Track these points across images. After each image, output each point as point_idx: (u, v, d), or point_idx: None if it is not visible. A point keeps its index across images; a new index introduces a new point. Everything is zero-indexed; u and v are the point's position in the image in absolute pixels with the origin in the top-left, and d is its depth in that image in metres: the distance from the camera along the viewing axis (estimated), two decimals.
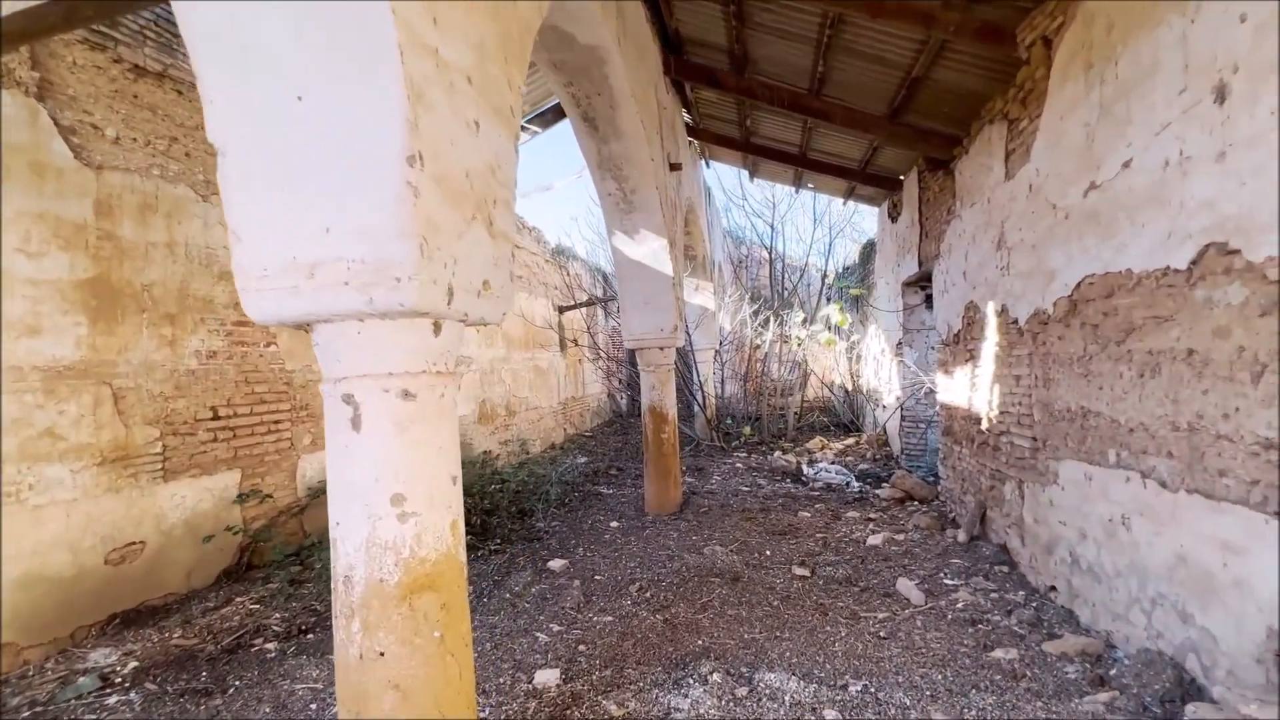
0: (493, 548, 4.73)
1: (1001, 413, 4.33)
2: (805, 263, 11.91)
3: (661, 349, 5.86)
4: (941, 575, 3.97)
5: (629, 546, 4.85)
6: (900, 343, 7.52)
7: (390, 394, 1.61)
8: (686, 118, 8.07)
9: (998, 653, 2.88)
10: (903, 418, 7.49)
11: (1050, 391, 3.58)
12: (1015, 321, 4.05)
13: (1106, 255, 2.97)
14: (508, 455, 8.12)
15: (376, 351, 1.59)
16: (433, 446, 1.68)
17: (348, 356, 1.61)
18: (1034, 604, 3.46)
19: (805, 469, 7.51)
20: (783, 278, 10.89)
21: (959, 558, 4.27)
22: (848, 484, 6.91)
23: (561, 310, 10.82)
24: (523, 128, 6.66)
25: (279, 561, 4.32)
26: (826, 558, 4.39)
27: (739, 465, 8.28)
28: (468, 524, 5.03)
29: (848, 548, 4.69)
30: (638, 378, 6.14)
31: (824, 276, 11.09)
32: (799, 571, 4.13)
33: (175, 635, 3.36)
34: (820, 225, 10.86)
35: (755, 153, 8.02)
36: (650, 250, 5.66)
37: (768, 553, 4.61)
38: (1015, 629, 3.16)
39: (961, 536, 4.66)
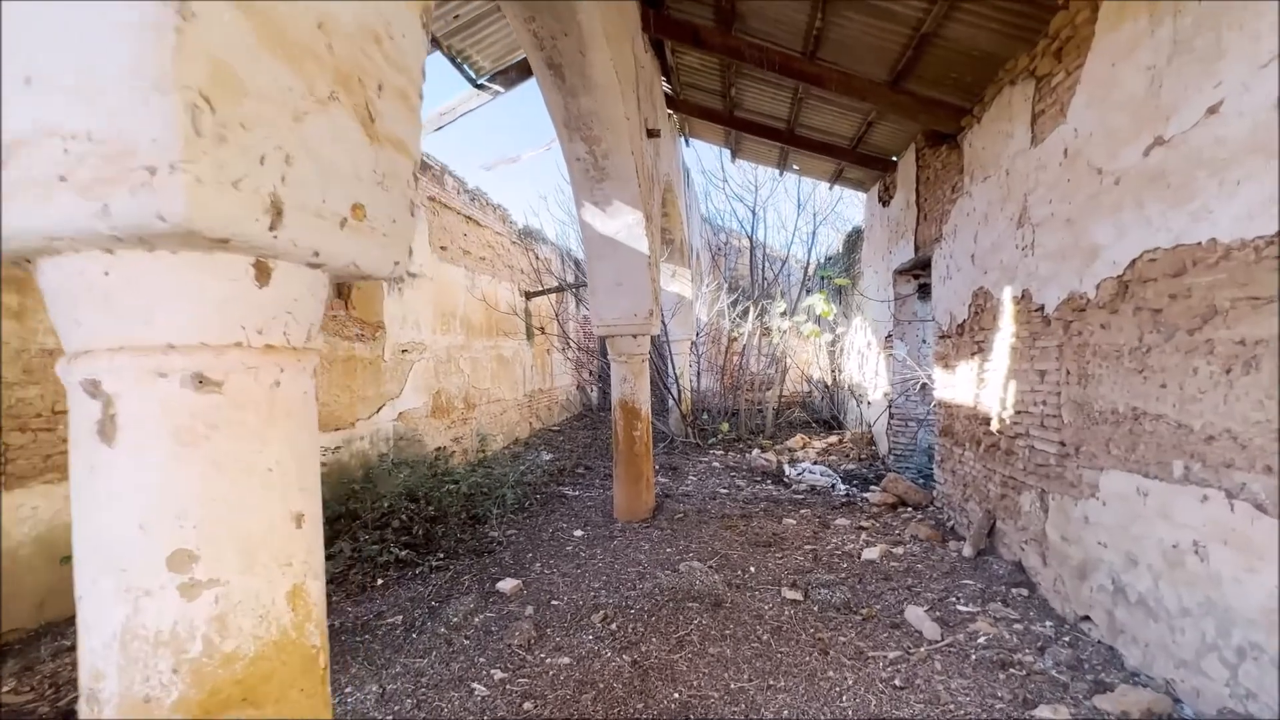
0: (434, 563, 4.05)
1: (1018, 413, 3.82)
2: (787, 253, 11.40)
3: (635, 337, 5.23)
4: (953, 599, 3.45)
5: (594, 561, 4.22)
6: (890, 335, 7.03)
7: (170, 381, 0.94)
8: (665, 87, 7.42)
9: (1044, 711, 2.34)
10: (891, 415, 7.02)
11: (1087, 389, 3.06)
12: (1040, 309, 3.53)
13: (1178, 225, 2.44)
14: (465, 452, 7.41)
15: (139, 307, 0.92)
16: (254, 470, 1.02)
17: (89, 316, 0.93)
18: (1066, 638, 2.95)
19: (787, 469, 6.99)
20: (763, 266, 10.35)
21: (969, 577, 3.75)
22: (833, 486, 6.40)
23: (529, 296, 10.10)
24: (482, 86, 5.95)
25: None
26: (819, 576, 3.83)
27: (716, 464, 7.72)
28: (405, 534, 4.36)
29: (842, 563, 4.14)
30: (609, 369, 5.51)
31: (806, 265, 10.59)
32: (790, 594, 3.56)
33: (6, 689, 2.62)
34: (804, 211, 10.28)
35: (739, 128, 7.42)
36: (624, 225, 5.01)
37: (752, 569, 4.04)
38: (1054, 674, 2.63)
39: (967, 550, 4.16)
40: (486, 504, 5.27)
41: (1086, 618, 3.03)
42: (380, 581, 3.79)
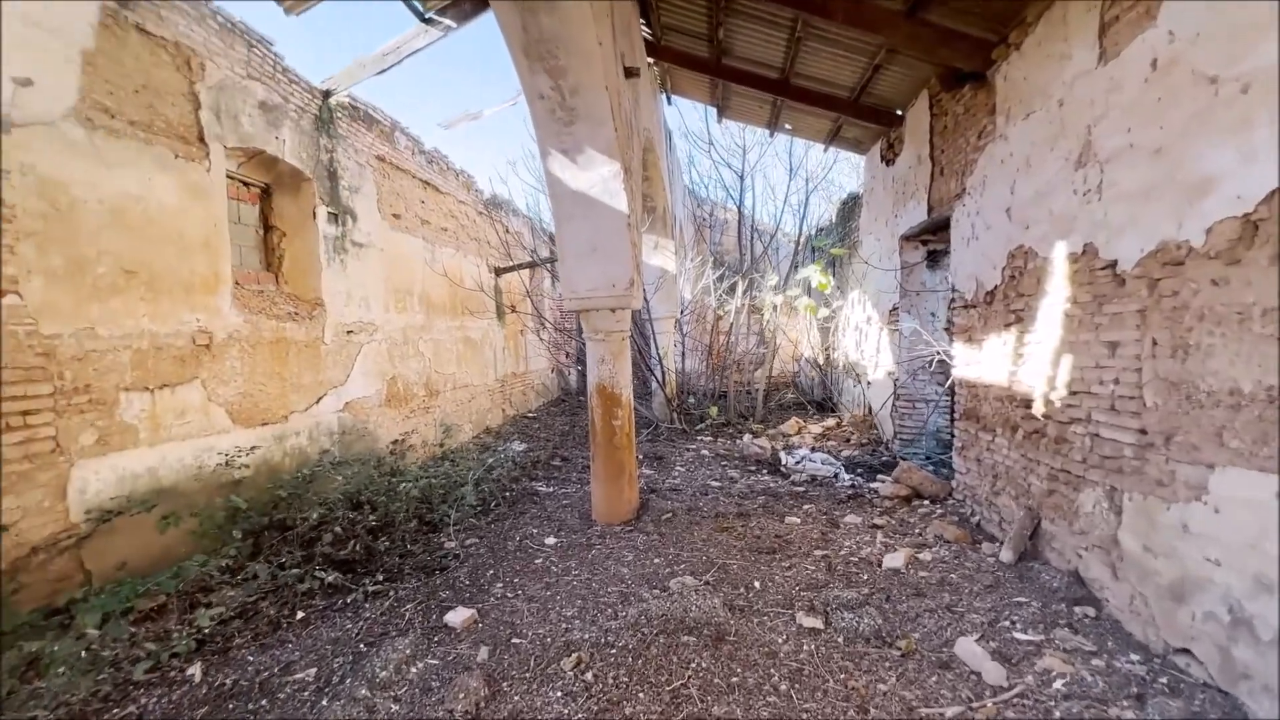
0: (371, 588, 3.32)
1: (1073, 394, 3.18)
2: (777, 225, 10.67)
3: (614, 311, 4.49)
4: (1007, 623, 2.82)
5: (568, 579, 3.53)
6: (895, 308, 6.38)
7: None
8: (645, 32, 6.59)
9: None
10: (896, 396, 6.40)
11: (1186, 364, 2.41)
12: (1109, 266, 2.86)
13: None
14: (425, 444, 6.65)
15: None
16: None
17: None
18: (1163, 679, 2.33)
19: (784, 458, 6.35)
20: (751, 238, 9.63)
21: (1019, 591, 3.13)
22: (836, 476, 5.78)
23: (499, 272, 9.27)
24: (431, 20, 5.08)
25: (23, 626, 2.80)
26: (838, 593, 3.18)
27: (705, 452, 7.06)
28: (339, 549, 3.61)
29: (861, 573, 3.50)
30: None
31: (799, 235, 9.89)
32: (807, 620, 2.90)
33: None
34: (795, 177, 9.55)
35: (728, 78, 6.63)
36: (598, 178, 4.24)
37: (757, 584, 3.38)
38: None
39: (1006, 555, 3.54)
40: (443, 507, 4.53)
41: (1184, 650, 2.41)
42: (300, 616, 3.06)
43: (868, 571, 3.53)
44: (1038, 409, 3.53)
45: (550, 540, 4.19)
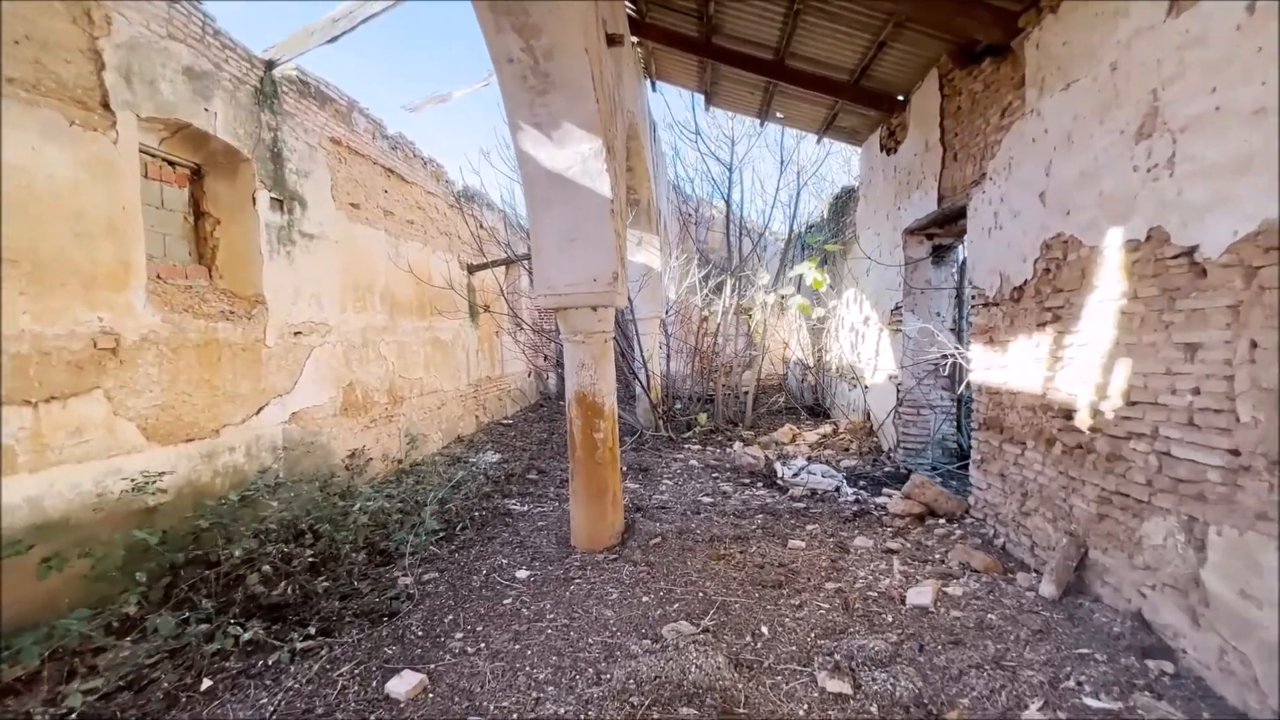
0: (300, 644, 2.73)
1: (1133, 404, 2.72)
2: (766, 222, 10.23)
3: (595, 310, 3.95)
4: (1072, 684, 2.34)
5: (541, 626, 2.98)
6: (898, 307, 5.94)
7: None
8: (629, 8, 6.07)
9: None
10: (900, 401, 5.95)
11: None
12: (1188, 253, 2.40)
13: None
14: (386, 458, 6.04)
15: None
16: None
17: None
18: None
19: (779, 469, 5.86)
20: (740, 234, 9.16)
21: (1077, 639, 2.65)
22: (838, 490, 5.31)
23: (471, 269, 8.68)
24: None
25: None
26: (861, 640, 2.68)
27: (694, 463, 6.55)
28: (269, 591, 3.02)
29: (884, 613, 3.01)
30: None
31: (790, 230, 9.45)
32: (831, 683, 2.39)
33: None
34: (786, 169, 9.11)
35: (718, 59, 6.14)
36: (577, 157, 3.71)
37: (765, 630, 2.87)
38: None
39: (1048, 589, 3.08)
40: (401, 533, 3.95)
41: None
42: (206, 685, 2.46)
43: (891, 611, 3.04)
44: (1082, 420, 3.08)
45: (522, 573, 3.63)
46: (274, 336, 4.60)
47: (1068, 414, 3.22)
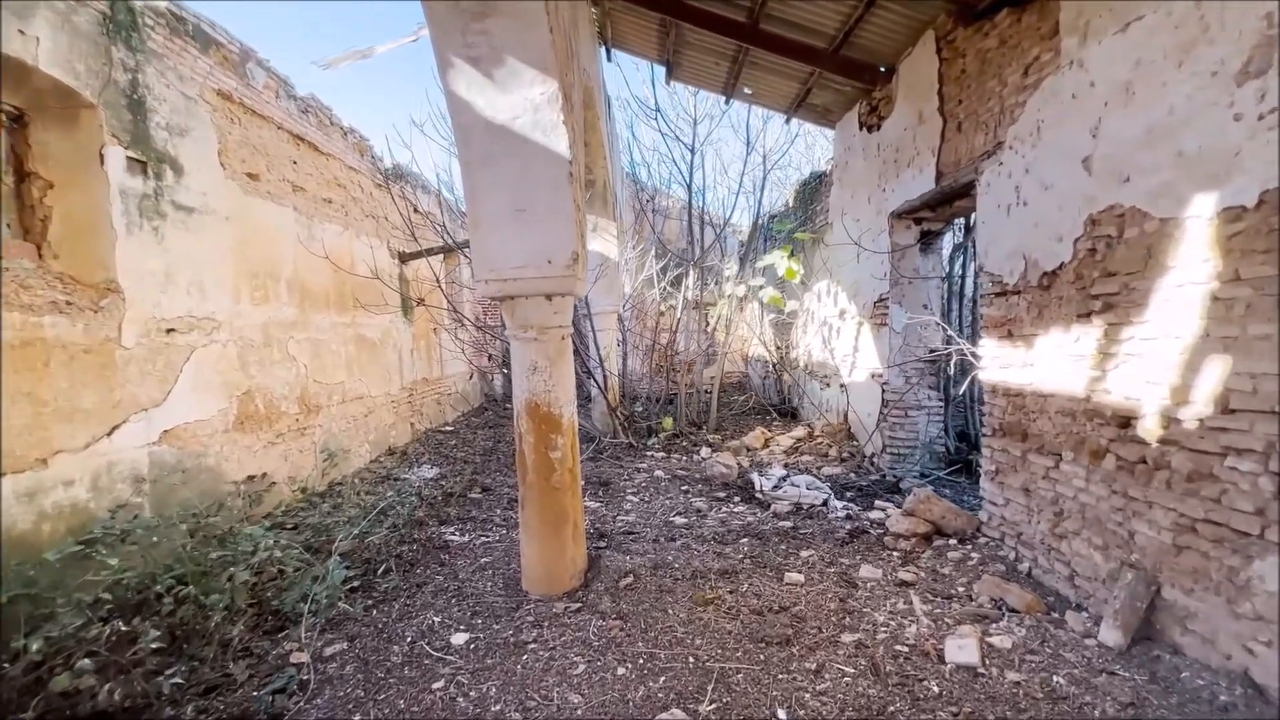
0: None
1: (1230, 411, 2.19)
2: (731, 210, 9.62)
3: (550, 299, 3.18)
4: None
5: None
6: (884, 298, 5.41)
7: None
8: None
9: None
10: (885, 403, 5.43)
11: None
12: None
13: None
14: (297, 479, 5.05)
15: None
16: None
17: None
18: None
19: (757, 480, 5.24)
20: (701, 223, 8.52)
21: (1181, 713, 2.09)
22: (825, 504, 4.72)
23: (404, 258, 7.68)
24: None
25: None
26: None
27: (659, 473, 5.86)
28: (77, 703, 2.09)
29: (924, 679, 2.38)
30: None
31: (756, 217, 8.87)
32: None
33: None
34: (753, 152, 8.54)
35: (684, 17, 5.43)
36: (525, 104, 2.92)
37: (782, 716, 2.19)
38: None
39: (1111, 636, 2.53)
40: (300, 585, 3.06)
41: None
42: None
43: (932, 673, 2.42)
44: (1148, 430, 2.54)
45: (460, 637, 2.82)
46: (135, 334, 3.59)
47: (1124, 421, 2.68)
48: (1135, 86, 2.60)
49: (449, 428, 8.37)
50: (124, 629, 2.37)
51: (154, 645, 2.32)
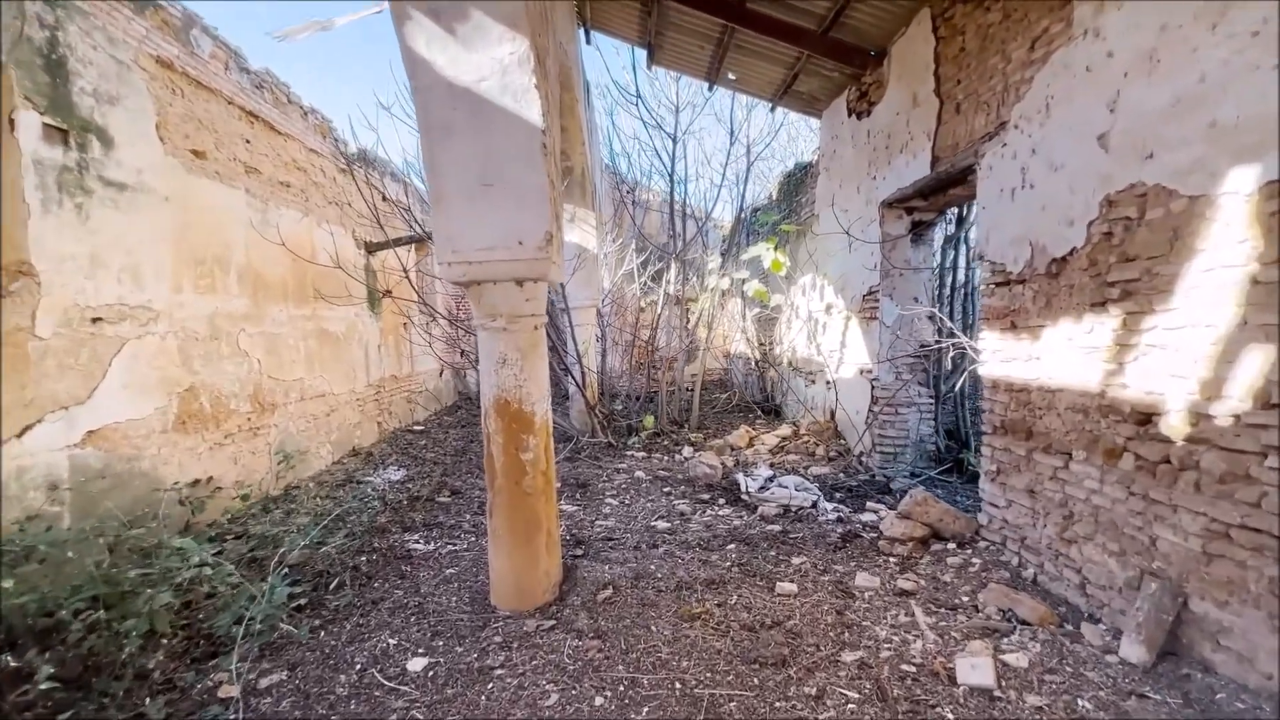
0: None
1: (1270, 406, 1.98)
2: (714, 202, 9.36)
3: (521, 285, 2.87)
4: None
5: None
6: (873, 292, 5.20)
7: None
8: None
9: None
10: (875, 400, 5.23)
11: None
12: None
13: None
14: (248, 484, 4.66)
15: None
16: None
17: None
18: None
19: (743, 481, 4.99)
20: (684, 214, 8.27)
21: None
22: (815, 506, 4.49)
23: (371, 248, 7.29)
24: None
25: None
26: None
27: (640, 474, 5.58)
28: None
29: (937, 704, 2.14)
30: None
31: (740, 209, 8.63)
32: None
33: None
34: (736, 141, 8.28)
35: None
36: (493, 65, 2.61)
37: None
38: None
39: (1134, 652, 2.32)
40: (236, 606, 2.71)
41: None
42: None
43: (944, 698, 2.18)
44: (1173, 427, 2.33)
45: (417, 663, 2.51)
46: (53, 324, 3.20)
47: (1145, 418, 2.48)
48: (1160, 54, 2.39)
49: (419, 427, 7.98)
50: (13, 664, 2.02)
51: (47, 684, 1.96)
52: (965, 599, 2.96)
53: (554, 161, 3.01)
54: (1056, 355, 3.00)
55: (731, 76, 6.57)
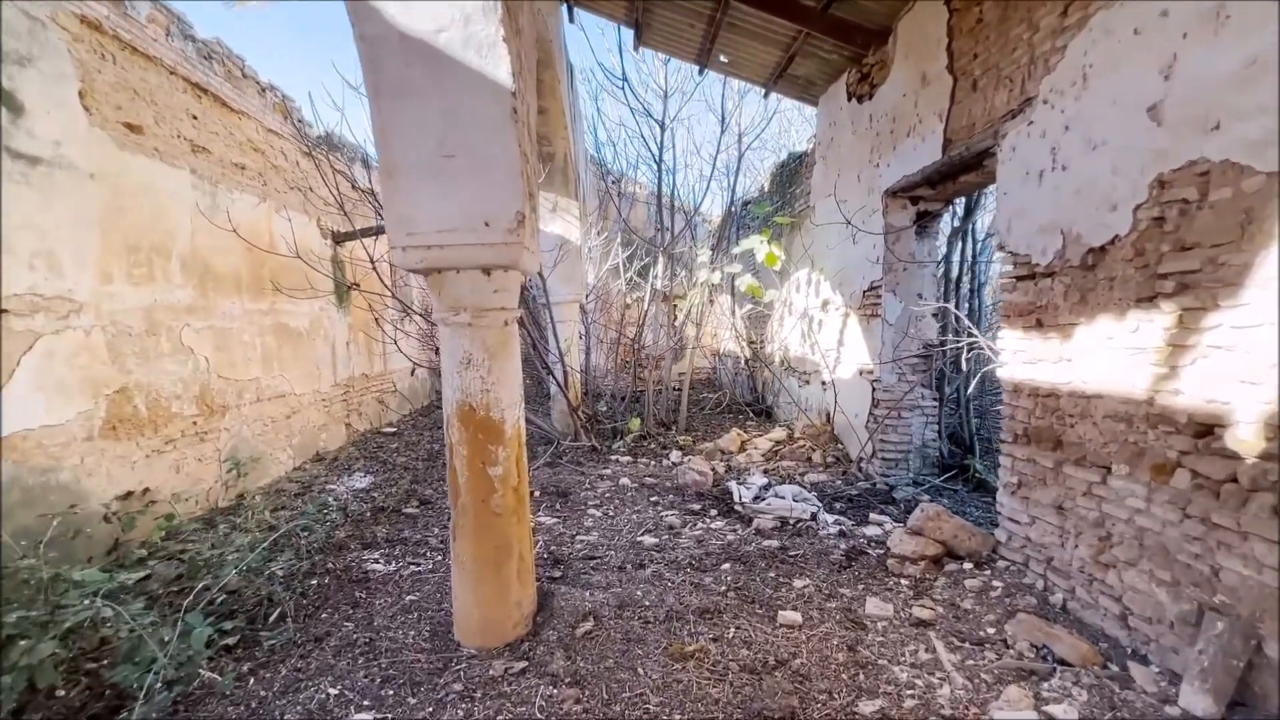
0: None
1: None
2: (704, 194, 9.00)
3: (489, 273, 2.48)
4: None
5: None
6: (875, 287, 4.88)
7: None
8: None
9: None
10: (876, 403, 4.91)
11: None
12: None
13: None
14: (189, 496, 4.21)
15: None
16: None
17: None
18: None
19: (736, 490, 4.63)
20: (672, 206, 7.90)
21: None
22: (814, 518, 4.15)
23: (339, 239, 6.82)
24: None
25: None
26: None
27: (625, 481, 5.21)
28: None
29: None
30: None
31: (731, 200, 8.27)
32: None
33: None
34: (728, 129, 7.91)
35: None
36: (454, 14, 2.22)
37: None
38: None
39: (1199, 704, 2.00)
40: (142, 658, 2.28)
41: None
42: None
43: None
44: (1242, 441, 2.01)
45: (363, 718, 2.12)
46: None
47: (1204, 430, 2.16)
48: (1229, 9, 2.06)
49: (391, 429, 7.53)
50: None
51: None
52: (991, 630, 2.64)
53: (528, 132, 2.62)
54: (1093, 357, 2.68)
55: (723, 59, 6.21)
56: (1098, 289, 2.65)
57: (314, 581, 3.25)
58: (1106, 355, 2.60)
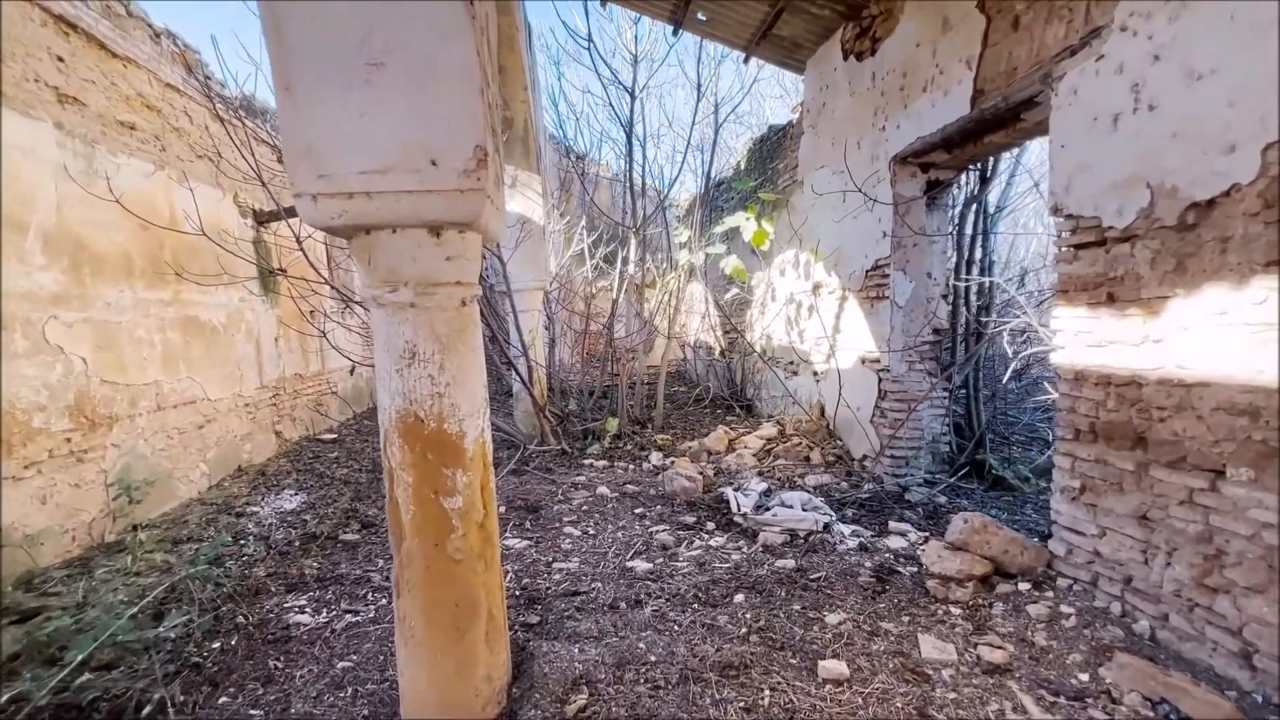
0: None
1: None
2: (679, 170, 8.38)
3: (438, 233, 1.80)
4: None
5: None
6: (880, 265, 4.37)
7: None
8: None
9: None
10: (883, 395, 4.41)
11: None
12: None
13: None
14: (63, 530, 3.36)
15: None
16: None
17: None
18: None
19: (734, 499, 4.06)
20: (643, 186, 7.26)
21: None
22: (827, 529, 3.61)
23: (263, 220, 5.91)
24: None
25: None
26: None
27: (603, 490, 4.57)
28: None
29: None
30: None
31: (707, 175, 7.65)
32: None
33: None
34: (704, 98, 7.27)
35: None
36: None
37: None
38: None
39: None
40: None
41: None
42: None
43: None
44: None
45: None
46: None
47: None
48: None
49: (330, 435, 6.67)
50: None
51: None
52: (1084, 677, 2.13)
53: (487, 46, 1.94)
54: (1195, 336, 2.19)
55: (701, 17, 5.59)
56: (1202, 252, 2.16)
57: (217, 645, 2.50)
58: (1217, 334, 2.12)
